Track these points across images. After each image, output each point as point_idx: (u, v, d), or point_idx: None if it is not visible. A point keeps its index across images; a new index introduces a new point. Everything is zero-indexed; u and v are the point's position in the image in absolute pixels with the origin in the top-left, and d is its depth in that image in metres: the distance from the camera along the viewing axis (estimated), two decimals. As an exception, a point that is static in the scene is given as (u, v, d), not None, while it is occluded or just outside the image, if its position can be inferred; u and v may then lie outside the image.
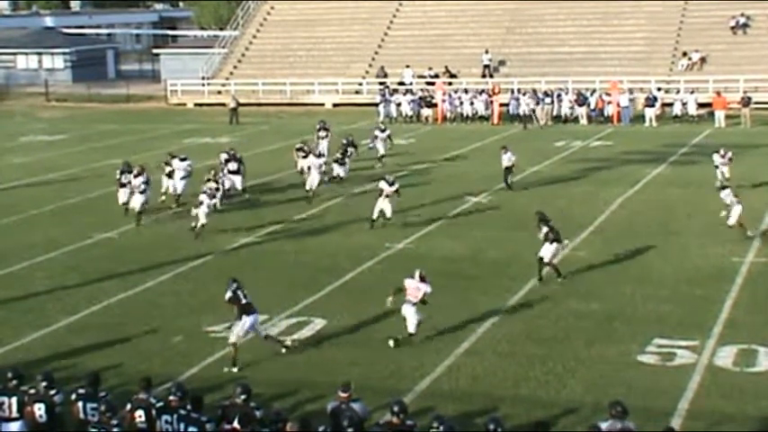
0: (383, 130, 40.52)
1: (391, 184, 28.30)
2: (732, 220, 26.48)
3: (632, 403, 13.73)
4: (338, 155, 35.94)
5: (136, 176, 30.07)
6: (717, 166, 32.63)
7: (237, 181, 33.55)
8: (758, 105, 49.93)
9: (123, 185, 30.92)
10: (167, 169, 32.62)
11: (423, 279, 19.35)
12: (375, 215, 28.12)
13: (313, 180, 32.55)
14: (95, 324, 21.24)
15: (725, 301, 21.51)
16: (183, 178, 32.20)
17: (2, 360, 18.44)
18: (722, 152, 33.00)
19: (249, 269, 24.93)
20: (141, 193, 29.67)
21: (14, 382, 14.16)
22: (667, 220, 29.42)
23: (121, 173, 31.30)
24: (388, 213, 28.04)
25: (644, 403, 15.84)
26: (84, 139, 50.32)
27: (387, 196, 28.04)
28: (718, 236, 27.02)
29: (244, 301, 18.38)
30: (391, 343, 19.02)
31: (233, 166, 33.75)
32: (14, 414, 14.02)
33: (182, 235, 28.52)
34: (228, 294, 18.45)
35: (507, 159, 33.66)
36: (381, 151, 39.71)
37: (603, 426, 12.66)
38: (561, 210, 30.51)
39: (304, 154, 35.81)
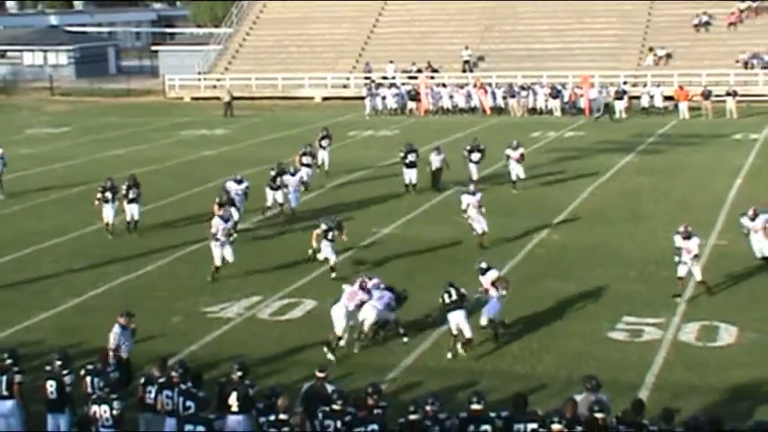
0: (516, 147, 31.96)
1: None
2: None
3: (603, 377, 13.81)
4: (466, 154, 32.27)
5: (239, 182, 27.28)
6: (747, 233, 22.56)
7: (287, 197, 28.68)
8: (718, 98, 49.92)
9: (107, 201, 26.94)
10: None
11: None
12: None
13: (482, 223, 24.90)
14: (99, 305, 21.21)
15: (689, 281, 21.60)
16: (241, 202, 27.23)
17: (12, 339, 18.43)
18: (751, 211, 22.53)
19: (244, 253, 24.92)
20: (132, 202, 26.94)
21: (9, 361, 14.10)
22: (636, 205, 29.52)
23: (105, 189, 27.08)
24: None
25: (613, 377, 15.92)
26: (87, 131, 50.14)
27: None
28: (682, 220, 26.99)
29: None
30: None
31: (306, 159, 31.35)
32: (4, 392, 13.97)
33: (179, 221, 28.49)
34: None
35: (439, 161, 31.61)
36: (519, 174, 31.85)
37: (578, 398, 12.75)
38: (537, 196, 30.61)
39: (308, 161, 31.90)
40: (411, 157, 31.31)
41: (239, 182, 27.31)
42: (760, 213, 21.69)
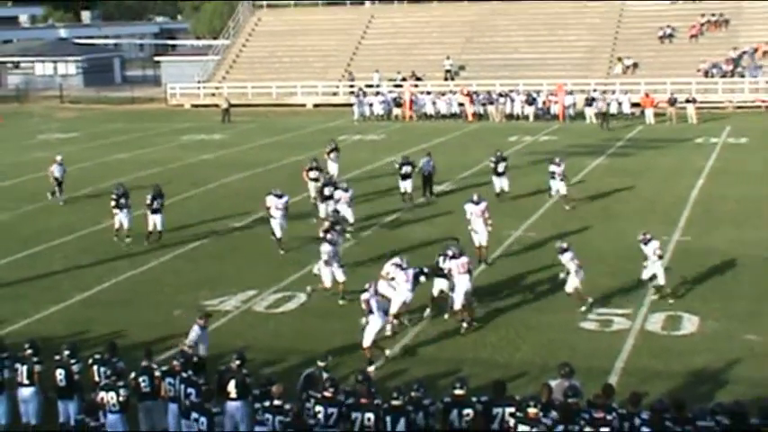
0: (559, 164, 28.78)
1: None
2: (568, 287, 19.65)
3: (576, 364, 13.81)
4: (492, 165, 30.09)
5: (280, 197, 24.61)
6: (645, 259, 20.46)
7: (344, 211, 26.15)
8: (680, 105, 49.94)
9: (120, 208, 25.73)
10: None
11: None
12: None
13: (483, 236, 23.02)
14: (106, 299, 21.16)
15: (656, 274, 21.62)
16: (283, 217, 24.67)
17: (25, 331, 18.36)
18: (641, 236, 20.39)
19: (241, 250, 24.90)
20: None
21: (29, 351, 14.19)
22: (606, 204, 29.54)
23: (119, 197, 25.83)
24: None
25: (586, 364, 15.93)
26: (94, 137, 49.97)
27: None
28: (649, 218, 27.20)
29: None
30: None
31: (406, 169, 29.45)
32: (25, 381, 14.03)
33: (180, 221, 28.37)
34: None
35: (429, 167, 30.32)
36: (561, 190, 28.74)
37: (553, 383, 12.76)
38: (515, 196, 30.60)
39: (315, 176, 28.88)
40: (406, 169, 29.60)
41: (279, 196, 24.60)
42: (651, 239, 20.28)
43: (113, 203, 25.94)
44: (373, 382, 13.72)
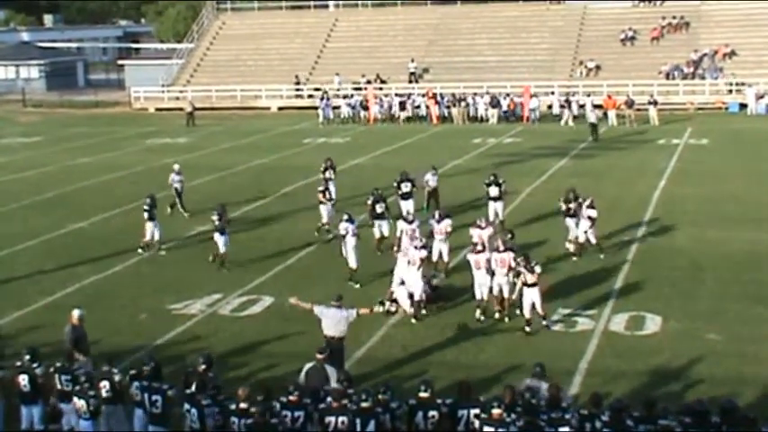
0: (590, 216, 23.48)
1: None
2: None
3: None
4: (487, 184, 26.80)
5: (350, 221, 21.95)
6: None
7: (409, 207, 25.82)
8: (641, 107, 50.24)
9: (152, 219, 24.92)
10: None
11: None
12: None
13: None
14: (70, 304, 20.77)
15: (618, 275, 21.81)
16: (356, 243, 21.85)
17: (-14, 338, 18.12)
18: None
19: (205, 254, 24.71)
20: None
21: None
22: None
23: (150, 207, 24.96)
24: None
25: (550, 364, 15.89)
26: (57, 141, 49.50)
27: None
28: (612, 219, 27.36)
29: None
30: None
31: (329, 174, 28.89)
32: None
33: (143, 225, 28.13)
34: None
35: (434, 181, 28.78)
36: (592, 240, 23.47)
37: (529, 382, 12.90)
38: (479, 197, 30.65)
39: (327, 198, 26.27)
40: (405, 188, 26.88)
41: (351, 221, 21.92)
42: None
43: (146, 215, 24.82)
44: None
